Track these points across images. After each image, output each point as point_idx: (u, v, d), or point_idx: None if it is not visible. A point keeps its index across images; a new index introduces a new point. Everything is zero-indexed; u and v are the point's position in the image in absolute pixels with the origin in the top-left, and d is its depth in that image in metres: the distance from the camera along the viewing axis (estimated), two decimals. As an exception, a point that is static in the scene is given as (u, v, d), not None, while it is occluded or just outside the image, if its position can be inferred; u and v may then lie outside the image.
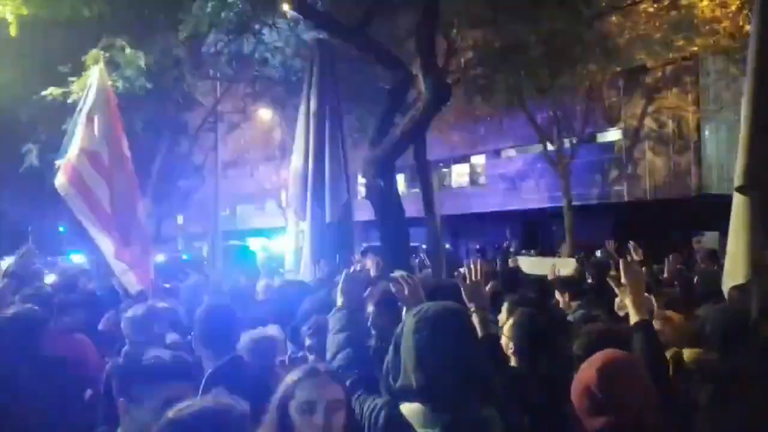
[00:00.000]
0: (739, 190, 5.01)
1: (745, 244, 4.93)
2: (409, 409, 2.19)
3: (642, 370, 2.23)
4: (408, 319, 2.32)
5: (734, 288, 4.63)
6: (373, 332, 3.35)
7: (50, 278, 8.00)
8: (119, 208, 5.60)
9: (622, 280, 2.98)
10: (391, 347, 2.33)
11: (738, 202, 5.04)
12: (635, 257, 5.25)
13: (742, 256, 4.92)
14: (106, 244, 5.50)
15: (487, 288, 3.66)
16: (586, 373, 2.17)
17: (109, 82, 6.04)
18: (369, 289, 3.82)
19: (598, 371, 2.11)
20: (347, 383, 2.36)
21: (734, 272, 4.93)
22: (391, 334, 2.38)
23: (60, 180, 5.40)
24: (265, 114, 22.09)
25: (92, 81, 5.79)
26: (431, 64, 7.52)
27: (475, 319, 2.82)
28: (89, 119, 5.59)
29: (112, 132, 5.67)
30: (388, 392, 2.28)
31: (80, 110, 5.69)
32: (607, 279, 3.27)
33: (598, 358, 2.20)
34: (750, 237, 4.91)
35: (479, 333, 2.77)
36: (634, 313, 2.87)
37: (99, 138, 5.56)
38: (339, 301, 2.89)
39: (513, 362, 3.23)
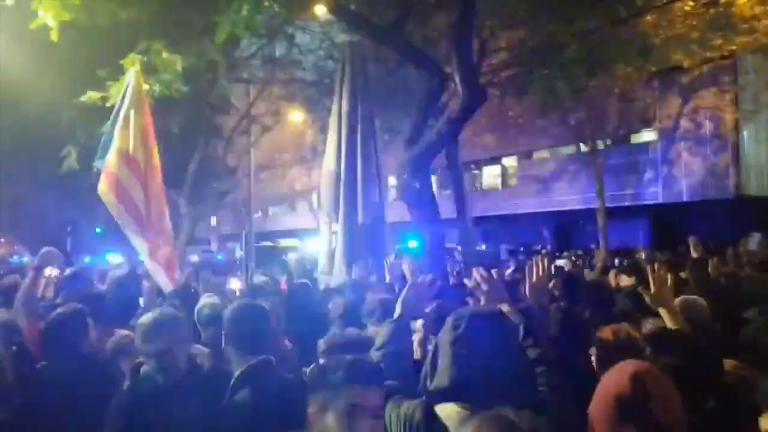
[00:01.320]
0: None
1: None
2: (443, 409, 2.19)
3: (670, 382, 2.12)
4: (448, 319, 2.33)
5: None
6: None
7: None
8: (153, 210, 5.70)
9: (652, 290, 2.99)
10: (430, 350, 2.34)
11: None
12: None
13: (787, 259, 4.80)
14: (142, 246, 5.61)
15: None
16: (615, 380, 2.06)
17: (145, 86, 6.13)
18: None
19: (631, 378, 2.01)
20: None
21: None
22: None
23: (102, 188, 5.53)
24: (297, 116, 22.24)
25: (128, 84, 5.89)
26: (468, 66, 7.47)
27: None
28: (126, 121, 5.69)
29: (146, 135, 5.77)
30: (424, 393, 2.29)
31: (117, 112, 5.79)
32: (638, 289, 3.25)
33: (626, 366, 2.09)
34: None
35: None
36: (669, 321, 2.91)
37: (135, 140, 5.66)
38: (398, 310, 2.82)
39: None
